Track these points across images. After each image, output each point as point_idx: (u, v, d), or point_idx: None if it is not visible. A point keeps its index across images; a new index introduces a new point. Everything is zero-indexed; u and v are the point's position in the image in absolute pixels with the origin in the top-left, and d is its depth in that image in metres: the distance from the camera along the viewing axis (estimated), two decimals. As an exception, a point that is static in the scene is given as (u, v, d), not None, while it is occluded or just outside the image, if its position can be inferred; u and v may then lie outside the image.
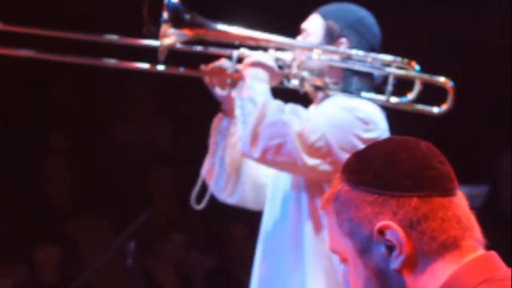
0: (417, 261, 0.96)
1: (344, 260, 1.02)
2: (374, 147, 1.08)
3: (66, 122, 5.86)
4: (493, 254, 0.98)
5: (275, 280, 2.18)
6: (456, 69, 4.02)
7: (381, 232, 0.96)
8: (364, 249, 0.99)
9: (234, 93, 2.17)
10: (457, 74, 2.33)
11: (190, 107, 5.73)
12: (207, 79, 2.16)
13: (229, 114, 2.23)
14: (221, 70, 2.13)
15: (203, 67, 2.11)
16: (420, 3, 5.52)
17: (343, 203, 1.00)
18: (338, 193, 1.01)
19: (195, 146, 2.41)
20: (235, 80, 2.14)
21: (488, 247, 1.00)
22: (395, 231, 0.95)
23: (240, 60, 2.13)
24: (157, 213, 5.73)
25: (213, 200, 2.35)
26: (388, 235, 0.95)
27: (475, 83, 5.55)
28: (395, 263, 0.96)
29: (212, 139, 2.27)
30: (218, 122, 2.26)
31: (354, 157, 1.05)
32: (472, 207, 1.00)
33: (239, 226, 5.09)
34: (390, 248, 0.96)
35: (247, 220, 4.28)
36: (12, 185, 5.22)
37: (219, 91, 2.18)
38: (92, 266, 4.59)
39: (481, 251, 0.97)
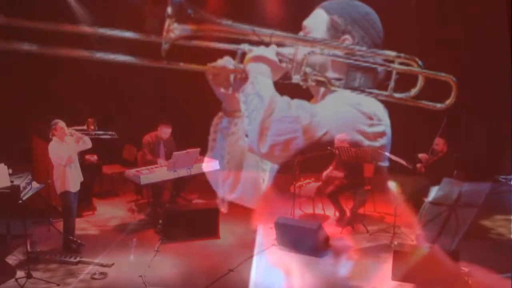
0: None
1: None
2: None
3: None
4: None
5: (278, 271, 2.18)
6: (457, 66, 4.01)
7: None
8: None
9: (237, 94, 2.17)
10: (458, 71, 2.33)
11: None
12: (210, 78, 2.16)
13: (230, 114, 2.24)
14: (223, 68, 2.13)
15: (208, 64, 2.12)
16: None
17: None
18: None
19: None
20: (241, 81, 2.15)
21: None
22: None
23: (243, 57, 2.13)
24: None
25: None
26: None
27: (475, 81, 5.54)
28: None
29: (211, 137, 2.28)
30: (218, 120, 2.27)
31: None
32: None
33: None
34: None
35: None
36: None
37: (222, 90, 2.19)
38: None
39: None
